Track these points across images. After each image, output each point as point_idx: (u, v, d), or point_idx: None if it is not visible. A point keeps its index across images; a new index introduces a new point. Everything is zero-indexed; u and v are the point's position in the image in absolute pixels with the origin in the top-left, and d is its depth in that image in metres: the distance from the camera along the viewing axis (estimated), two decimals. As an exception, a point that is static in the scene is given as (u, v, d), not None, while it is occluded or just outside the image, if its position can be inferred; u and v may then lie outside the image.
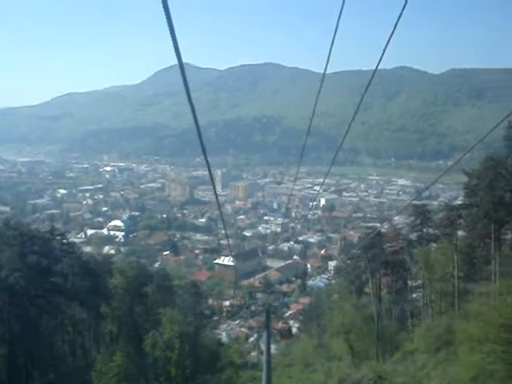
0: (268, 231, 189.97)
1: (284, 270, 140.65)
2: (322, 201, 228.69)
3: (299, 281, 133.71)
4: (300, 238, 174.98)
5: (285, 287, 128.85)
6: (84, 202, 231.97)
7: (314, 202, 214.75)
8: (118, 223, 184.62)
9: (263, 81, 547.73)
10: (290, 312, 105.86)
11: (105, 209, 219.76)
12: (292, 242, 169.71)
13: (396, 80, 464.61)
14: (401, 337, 51.08)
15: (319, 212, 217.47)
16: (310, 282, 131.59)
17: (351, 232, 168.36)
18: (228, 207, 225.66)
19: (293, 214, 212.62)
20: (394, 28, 7.13)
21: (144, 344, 47.72)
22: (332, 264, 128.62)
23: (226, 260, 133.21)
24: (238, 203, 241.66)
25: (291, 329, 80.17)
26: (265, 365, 27.38)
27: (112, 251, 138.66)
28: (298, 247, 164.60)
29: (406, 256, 55.07)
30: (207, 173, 8.76)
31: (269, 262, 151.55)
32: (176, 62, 4.99)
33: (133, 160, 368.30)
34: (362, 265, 60.64)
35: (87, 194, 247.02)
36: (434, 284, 49.37)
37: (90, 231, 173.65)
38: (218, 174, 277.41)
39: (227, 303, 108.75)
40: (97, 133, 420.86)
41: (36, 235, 47.44)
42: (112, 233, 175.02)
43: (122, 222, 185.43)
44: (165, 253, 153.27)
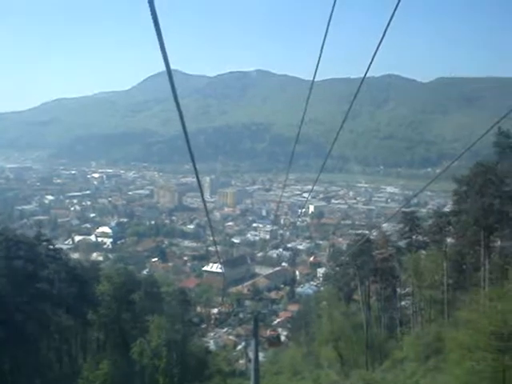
0: (257, 238, 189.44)
1: (272, 277, 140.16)
2: (311, 208, 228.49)
3: (288, 288, 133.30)
4: (289, 245, 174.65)
5: (273, 294, 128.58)
6: (72, 209, 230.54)
7: (303, 209, 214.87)
8: (106, 230, 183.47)
9: (252, 88, 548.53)
10: (279, 320, 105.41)
11: (93, 215, 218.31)
12: (281, 249, 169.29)
13: (384, 88, 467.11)
14: (390, 345, 50.83)
15: (308, 219, 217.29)
16: (299, 290, 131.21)
17: (340, 239, 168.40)
18: (217, 214, 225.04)
19: (281, 221, 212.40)
20: (383, 36, 7.15)
21: (131, 352, 47.27)
22: (321, 271, 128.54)
23: (215, 267, 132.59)
24: (227, 210, 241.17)
25: (280, 336, 79.97)
26: (253, 373, 27.07)
27: (100, 258, 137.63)
28: (287, 254, 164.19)
29: (395, 263, 54.93)
30: (196, 179, 8.62)
31: (257, 269, 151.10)
32: (165, 69, 4.95)
33: (121, 166, 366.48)
34: (351, 272, 60.49)
35: (75, 201, 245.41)
36: (424, 291, 49.23)
37: (78, 238, 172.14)
38: (207, 181, 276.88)
39: (215, 311, 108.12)
40: (85, 139, 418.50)
41: (22, 240, 46.88)
42: (100, 239, 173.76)
43: (110, 229, 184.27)
44: (153, 259, 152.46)
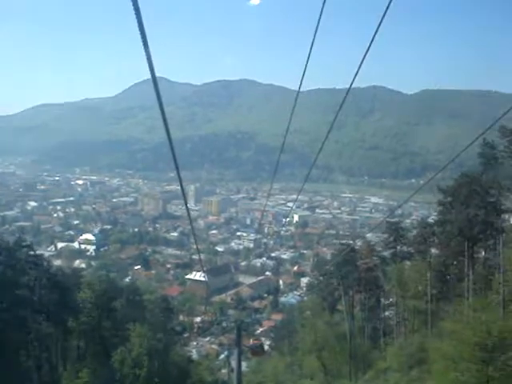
0: (241, 247, 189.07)
1: (256, 287, 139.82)
2: (295, 217, 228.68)
3: (271, 297, 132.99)
4: (273, 254, 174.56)
5: (257, 303, 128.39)
6: (55, 215, 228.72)
7: (287, 219, 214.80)
8: (89, 237, 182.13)
9: (238, 97, 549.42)
10: (262, 329, 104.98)
11: (76, 222, 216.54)
12: (264, 258, 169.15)
13: (370, 99, 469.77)
14: (373, 355, 50.74)
15: (292, 228, 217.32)
16: (283, 299, 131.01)
17: (324, 249, 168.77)
18: (201, 222, 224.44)
19: (266, 230, 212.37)
20: (368, 48, 7.14)
21: (112, 360, 46.60)
22: (304, 281, 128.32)
23: (198, 275, 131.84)
24: (211, 218, 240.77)
25: (263, 345, 79.43)
26: (235, 382, 26.71)
27: (82, 265, 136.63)
28: (271, 263, 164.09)
29: (380, 273, 54.88)
30: (180, 187, 8.62)
31: (241, 278, 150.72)
32: (151, 76, 4.93)
33: (105, 173, 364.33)
34: (335, 281, 60.38)
35: (58, 207, 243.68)
36: (407, 302, 49.22)
37: (61, 244, 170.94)
38: (192, 189, 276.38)
39: (198, 319, 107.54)
40: (70, 145, 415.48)
41: (1, 246, 46.11)
42: (83, 246, 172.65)
43: (93, 236, 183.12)
44: (136, 267, 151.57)
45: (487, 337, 23.67)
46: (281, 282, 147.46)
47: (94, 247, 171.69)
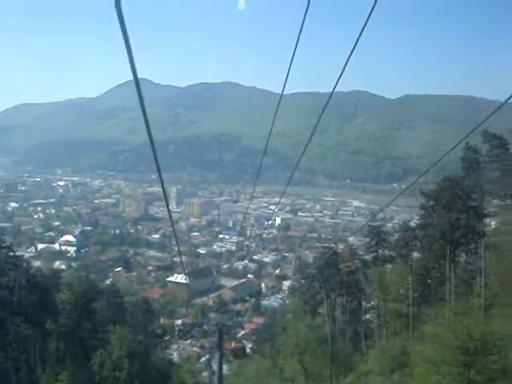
0: (223, 249, 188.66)
1: (238, 289, 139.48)
2: (278, 220, 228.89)
3: (253, 300, 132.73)
4: (255, 257, 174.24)
5: (238, 306, 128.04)
6: (36, 216, 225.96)
7: (270, 221, 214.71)
8: (70, 238, 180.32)
9: (222, 99, 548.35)
10: (244, 332, 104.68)
11: (57, 223, 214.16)
12: (247, 261, 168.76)
13: (353, 103, 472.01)
14: (355, 358, 50.71)
15: (274, 231, 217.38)
16: (264, 302, 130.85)
17: (306, 252, 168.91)
18: (182, 224, 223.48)
19: (248, 233, 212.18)
20: (351, 52, 7.16)
21: (91, 363, 46.06)
22: (286, 284, 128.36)
23: (180, 278, 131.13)
24: (193, 220, 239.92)
25: (245, 348, 79.15)
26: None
27: (63, 266, 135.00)
28: (253, 266, 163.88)
29: (361, 276, 54.97)
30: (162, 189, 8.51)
31: (223, 281, 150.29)
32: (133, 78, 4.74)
33: (87, 175, 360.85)
34: (317, 285, 60.32)
35: (39, 208, 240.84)
36: (389, 305, 49.31)
37: (41, 246, 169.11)
38: (174, 191, 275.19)
39: (179, 322, 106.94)
40: (51, 146, 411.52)
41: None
42: (63, 248, 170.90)
43: (74, 237, 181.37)
44: (117, 269, 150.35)
45: (469, 340, 23.69)
46: (263, 285, 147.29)
47: (75, 249, 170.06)
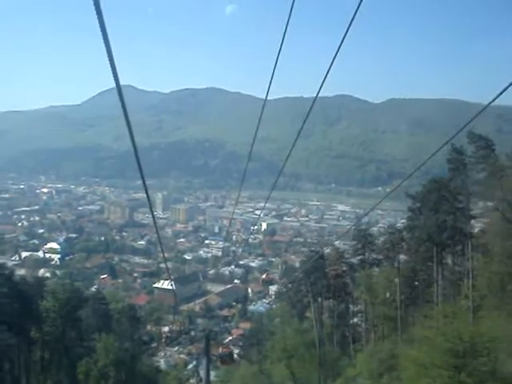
0: (209, 255, 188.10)
1: (225, 295, 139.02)
2: (264, 225, 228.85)
3: (240, 305, 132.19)
4: (241, 262, 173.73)
5: (225, 312, 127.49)
6: (19, 224, 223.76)
7: (255, 226, 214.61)
8: (54, 246, 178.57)
9: (206, 105, 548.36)
10: (230, 337, 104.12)
11: (41, 231, 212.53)
12: (233, 266, 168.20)
13: (337, 108, 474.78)
14: (343, 362, 50.45)
15: (260, 236, 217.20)
16: (251, 307, 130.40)
17: (292, 256, 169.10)
18: (168, 230, 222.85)
19: (234, 238, 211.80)
20: (334, 57, 7.22)
21: (77, 371, 45.42)
22: (273, 288, 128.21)
23: (166, 284, 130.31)
24: (179, 226, 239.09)
25: (232, 353, 78.70)
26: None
27: (47, 274, 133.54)
28: (239, 271, 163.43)
29: (348, 280, 54.86)
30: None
31: (209, 287, 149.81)
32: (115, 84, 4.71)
33: (71, 181, 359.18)
34: (304, 288, 60.10)
35: (23, 216, 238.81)
36: (376, 308, 49.18)
37: (25, 254, 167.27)
38: (159, 197, 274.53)
39: (166, 329, 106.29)
40: (35, 153, 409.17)
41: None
42: (48, 255, 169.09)
43: (58, 245, 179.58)
44: (102, 276, 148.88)
45: (459, 343, 23.52)
46: (249, 290, 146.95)
47: (59, 256, 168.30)
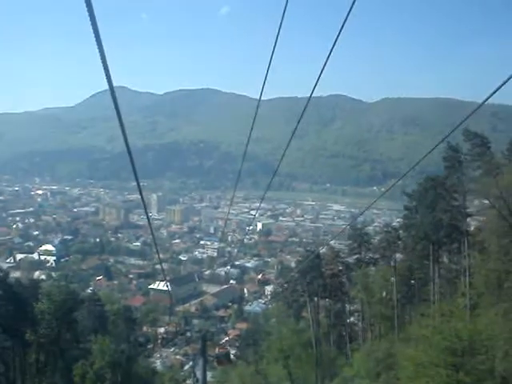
0: (204, 256, 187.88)
1: (220, 295, 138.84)
2: (259, 225, 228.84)
3: (236, 306, 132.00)
4: (237, 263, 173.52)
5: (221, 312, 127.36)
6: (14, 226, 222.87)
7: (251, 227, 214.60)
8: (50, 247, 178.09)
9: (201, 105, 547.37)
10: (227, 338, 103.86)
11: (36, 233, 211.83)
12: (228, 267, 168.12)
13: (331, 107, 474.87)
14: (340, 362, 50.26)
15: (256, 236, 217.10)
16: (247, 307, 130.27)
17: (288, 256, 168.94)
18: (163, 231, 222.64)
19: (229, 239, 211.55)
20: (328, 57, 7.19)
21: (72, 374, 45.12)
22: (269, 289, 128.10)
23: (161, 285, 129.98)
24: (174, 227, 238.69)
25: (229, 354, 78.52)
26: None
27: (42, 276, 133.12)
28: (235, 272, 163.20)
29: (345, 279, 54.73)
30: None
31: (205, 287, 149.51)
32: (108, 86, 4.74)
33: (66, 183, 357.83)
34: (300, 288, 59.96)
35: (18, 218, 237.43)
36: (373, 307, 49.04)
37: (20, 256, 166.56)
38: (154, 198, 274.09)
39: (162, 330, 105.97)
40: (29, 155, 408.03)
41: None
42: (43, 257, 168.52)
43: (54, 247, 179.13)
44: (98, 278, 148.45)
45: (457, 341, 23.39)
46: (245, 291, 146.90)
47: (55, 258, 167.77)
